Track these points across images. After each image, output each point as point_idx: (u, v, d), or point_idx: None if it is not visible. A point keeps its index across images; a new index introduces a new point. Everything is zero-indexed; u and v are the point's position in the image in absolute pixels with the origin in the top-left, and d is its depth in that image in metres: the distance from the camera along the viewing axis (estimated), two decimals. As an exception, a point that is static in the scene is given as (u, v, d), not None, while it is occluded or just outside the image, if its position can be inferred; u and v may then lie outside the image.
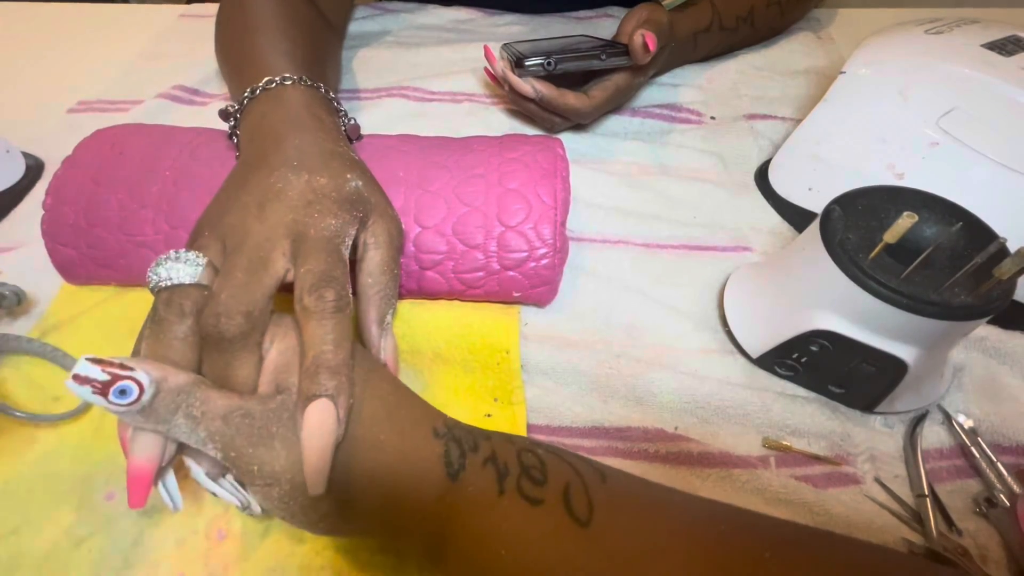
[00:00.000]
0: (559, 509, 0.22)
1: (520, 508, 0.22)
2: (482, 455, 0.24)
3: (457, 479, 0.23)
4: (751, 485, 0.31)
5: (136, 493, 0.22)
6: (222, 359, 0.24)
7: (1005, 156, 0.36)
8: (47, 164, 0.49)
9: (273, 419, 0.23)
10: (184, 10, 0.69)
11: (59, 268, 0.36)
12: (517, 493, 0.23)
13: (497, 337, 0.36)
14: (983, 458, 0.31)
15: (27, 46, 0.64)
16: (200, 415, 0.22)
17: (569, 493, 0.23)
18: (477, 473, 0.23)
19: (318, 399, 0.22)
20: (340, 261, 0.27)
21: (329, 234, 0.27)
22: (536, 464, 0.24)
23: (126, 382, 0.21)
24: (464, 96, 0.56)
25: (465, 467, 0.24)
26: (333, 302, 0.25)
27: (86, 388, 0.20)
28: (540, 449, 0.25)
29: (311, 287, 0.25)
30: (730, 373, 0.36)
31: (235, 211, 0.28)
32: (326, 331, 0.24)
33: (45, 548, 0.28)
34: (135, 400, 0.21)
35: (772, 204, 0.47)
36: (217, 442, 0.22)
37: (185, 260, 0.26)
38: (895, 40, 0.43)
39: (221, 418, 0.22)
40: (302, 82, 0.35)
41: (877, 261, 0.29)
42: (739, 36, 0.60)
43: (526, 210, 0.35)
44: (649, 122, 0.54)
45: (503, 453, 0.24)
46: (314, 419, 0.22)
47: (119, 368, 0.21)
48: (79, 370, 0.20)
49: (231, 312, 0.24)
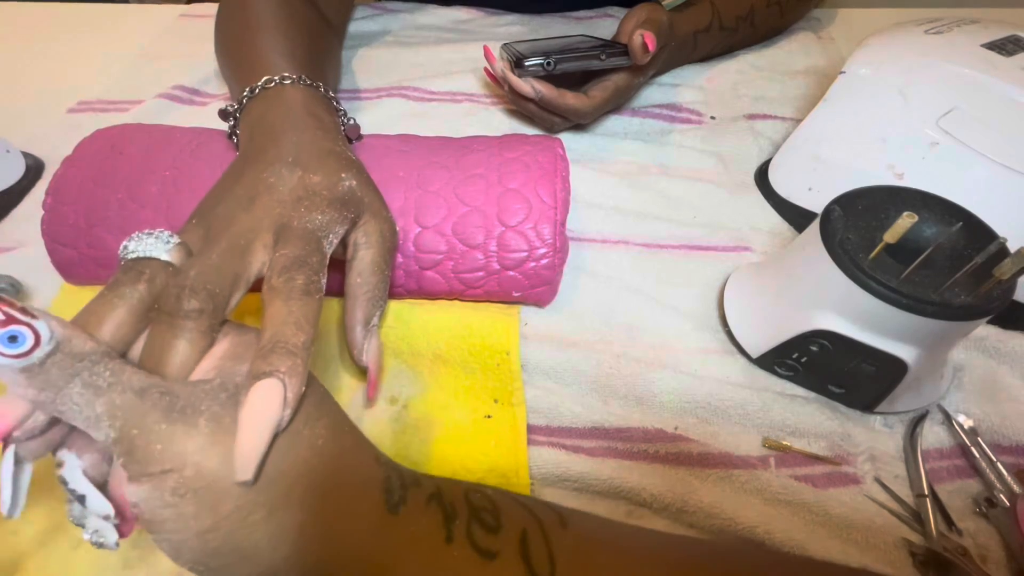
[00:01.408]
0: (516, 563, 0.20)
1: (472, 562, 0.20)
2: (426, 491, 0.22)
3: (397, 512, 0.21)
4: (751, 485, 0.31)
5: None
6: (166, 336, 0.22)
7: (1005, 156, 0.36)
8: (47, 164, 0.49)
9: (204, 397, 0.20)
10: (184, 10, 0.69)
11: (59, 268, 0.36)
12: (467, 542, 0.20)
13: (497, 338, 0.36)
14: (983, 458, 0.31)
15: (27, 46, 0.64)
16: (106, 385, 0.19)
17: (527, 542, 0.20)
18: (420, 510, 0.21)
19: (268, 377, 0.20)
20: (318, 250, 0.26)
21: (312, 227, 0.27)
22: (487, 506, 0.21)
23: (20, 327, 0.18)
24: (464, 96, 0.56)
25: (407, 500, 0.21)
26: (302, 284, 0.24)
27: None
28: (489, 490, 0.23)
29: (282, 269, 0.24)
30: (730, 373, 0.36)
31: (226, 202, 0.28)
32: (289, 311, 0.22)
33: (45, 549, 0.28)
34: (26, 352, 0.18)
35: (772, 204, 0.47)
36: (118, 418, 0.19)
37: (156, 236, 0.25)
38: (895, 40, 0.43)
39: (135, 392, 0.19)
40: (302, 82, 0.35)
41: (877, 261, 0.29)
42: (739, 36, 0.60)
43: (526, 210, 0.35)
44: (649, 122, 0.54)
45: (449, 492, 0.22)
46: (258, 397, 0.19)
47: (19, 312, 0.18)
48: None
49: (196, 287, 0.23)
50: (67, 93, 0.55)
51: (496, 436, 0.32)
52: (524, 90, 0.46)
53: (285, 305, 0.23)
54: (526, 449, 0.31)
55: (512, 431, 0.32)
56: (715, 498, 0.30)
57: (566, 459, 0.31)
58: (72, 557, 0.28)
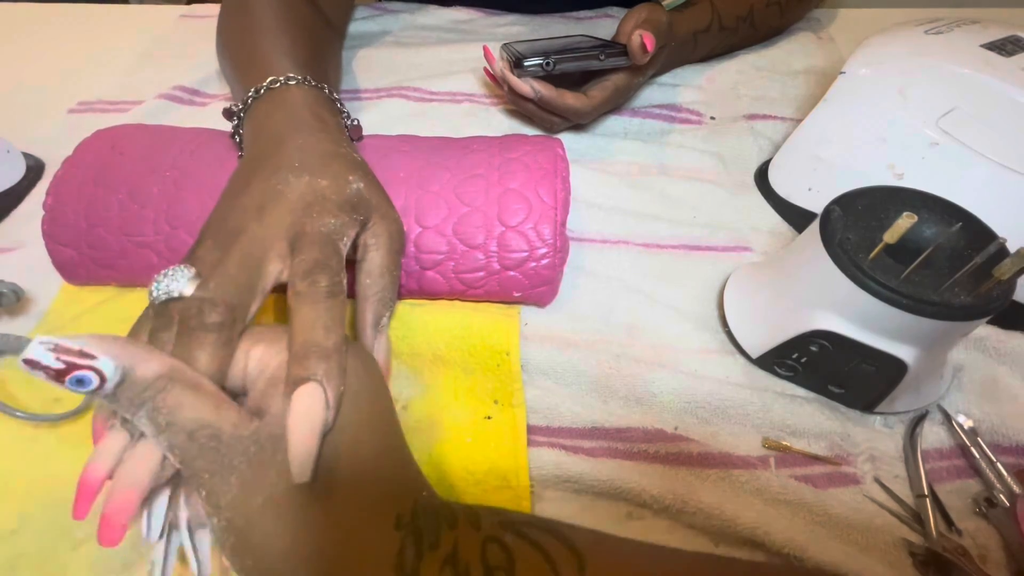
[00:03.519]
0: None
1: None
2: (441, 555, 0.21)
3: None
4: (751, 485, 0.31)
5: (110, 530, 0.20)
6: (190, 348, 0.23)
7: (1005, 156, 0.36)
8: (47, 164, 0.49)
9: (239, 451, 0.21)
10: (184, 10, 0.69)
11: (59, 268, 0.36)
12: None
13: (497, 339, 0.36)
14: (983, 458, 0.31)
15: (27, 46, 0.64)
16: (164, 424, 0.21)
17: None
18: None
19: (306, 382, 0.21)
20: (336, 253, 0.27)
21: (327, 230, 0.27)
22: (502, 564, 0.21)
23: (84, 372, 0.19)
24: (464, 96, 0.56)
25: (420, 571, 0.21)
26: (326, 287, 0.24)
27: (39, 373, 0.19)
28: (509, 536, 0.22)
29: (304, 273, 0.25)
30: (730, 373, 0.36)
31: (235, 216, 0.28)
32: (318, 315, 0.23)
33: (45, 549, 0.28)
34: (95, 389, 0.19)
35: (772, 204, 0.47)
36: (176, 456, 0.21)
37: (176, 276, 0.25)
38: (895, 40, 0.43)
39: (187, 434, 0.21)
40: (306, 82, 0.35)
41: (877, 261, 0.29)
42: (739, 36, 0.60)
43: (526, 210, 0.35)
44: (649, 122, 0.54)
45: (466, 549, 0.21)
46: (301, 403, 0.21)
47: (77, 356, 0.19)
48: (29, 354, 0.19)
49: (216, 301, 0.24)
50: (67, 93, 0.56)
51: (496, 437, 0.32)
52: (523, 90, 0.46)
53: (312, 309, 0.24)
54: (526, 451, 0.31)
55: (512, 432, 0.32)
56: (715, 498, 0.30)
57: (566, 460, 0.31)
58: (72, 557, 0.28)
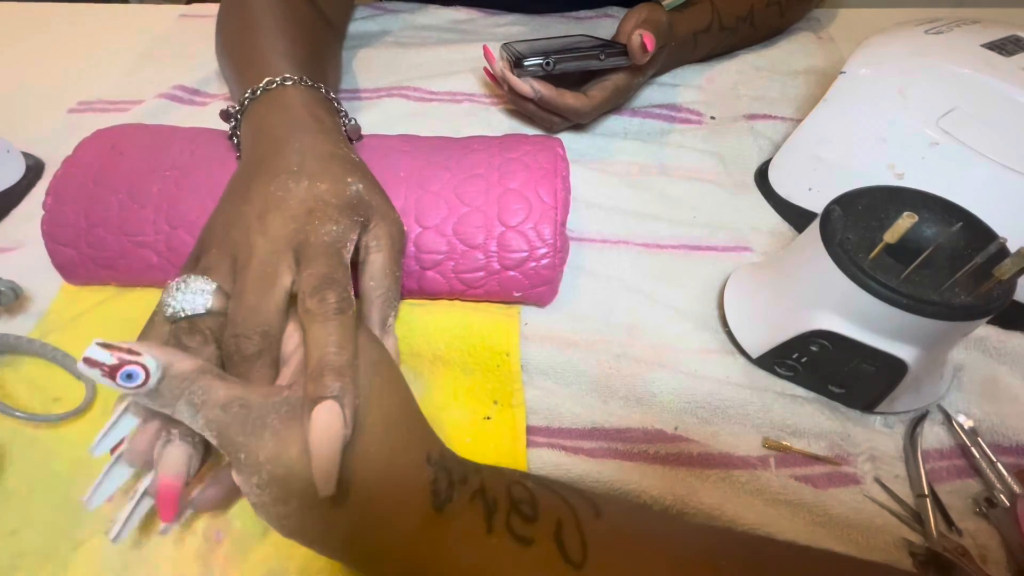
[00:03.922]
0: (551, 549, 0.21)
1: (509, 548, 0.22)
2: (471, 488, 0.24)
3: (443, 510, 0.23)
4: (751, 486, 0.31)
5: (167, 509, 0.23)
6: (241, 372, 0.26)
7: (1005, 156, 0.36)
8: (47, 164, 0.49)
9: (271, 411, 0.23)
10: (184, 10, 0.69)
11: (59, 268, 0.36)
12: (506, 531, 0.22)
13: (497, 339, 0.36)
14: (983, 458, 0.31)
15: (27, 46, 0.64)
16: (200, 403, 0.23)
17: (562, 531, 0.22)
18: (464, 507, 0.23)
19: (324, 401, 0.22)
20: (341, 264, 0.27)
21: (330, 239, 0.28)
22: (526, 498, 0.23)
23: (133, 367, 0.22)
24: (464, 96, 0.56)
25: (452, 499, 0.23)
26: (335, 304, 0.25)
27: (96, 371, 0.21)
28: (530, 482, 0.24)
29: (312, 290, 0.25)
30: (730, 373, 0.36)
31: (239, 224, 0.28)
32: (329, 333, 0.24)
33: (45, 549, 0.28)
34: (141, 384, 0.22)
35: (772, 204, 0.47)
36: (213, 429, 0.23)
37: (195, 290, 0.27)
38: (895, 40, 0.43)
39: (220, 407, 0.23)
40: (302, 82, 0.35)
41: (877, 261, 0.29)
42: (739, 36, 0.60)
43: (526, 210, 0.35)
44: (649, 122, 0.54)
45: (492, 487, 0.24)
46: (321, 421, 0.22)
47: (127, 353, 0.22)
48: (89, 353, 0.21)
49: (249, 333, 0.25)
50: (67, 93, 0.55)
51: (496, 438, 0.32)
52: (523, 90, 0.46)
53: (323, 327, 0.24)
54: (525, 451, 0.31)
55: (512, 433, 0.32)
56: (715, 498, 0.30)
57: (566, 460, 0.31)
58: (72, 557, 0.28)
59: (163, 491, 0.23)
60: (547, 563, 0.21)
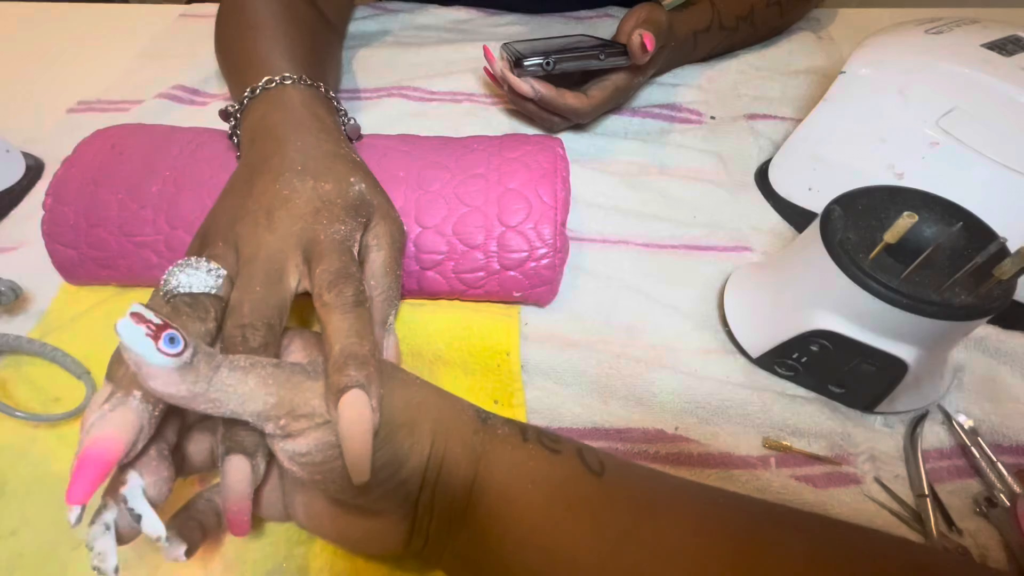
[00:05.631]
0: (575, 460, 0.25)
1: (543, 453, 0.25)
2: (502, 417, 0.27)
3: (487, 423, 0.26)
4: (751, 485, 0.31)
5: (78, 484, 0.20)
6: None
7: (1005, 156, 0.36)
8: (47, 164, 0.49)
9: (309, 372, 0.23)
10: (184, 10, 0.69)
11: (59, 268, 0.36)
12: (538, 442, 0.25)
13: (497, 339, 0.36)
14: (983, 458, 0.31)
15: (27, 46, 0.64)
16: (248, 364, 0.22)
17: (582, 452, 0.25)
18: (502, 423, 0.26)
19: (350, 390, 0.22)
20: (354, 260, 0.28)
21: (340, 237, 0.28)
22: (549, 433, 0.26)
23: (174, 332, 0.20)
24: (464, 96, 0.56)
25: (491, 418, 0.26)
26: (353, 296, 0.25)
27: (140, 328, 0.19)
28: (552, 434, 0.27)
29: (329, 284, 0.26)
30: (730, 373, 0.36)
31: (244, 220, 0.28)
32: (349, 324, 0.24)
33: (45, 549, 0.28)
34: (181, 351, 0.20)
35: (772, 204, 0.47)
36: (271, 385, 0.22)
37: (206, 270, 0.26)
38: (895, 40, 0.43)
39: (273, 365, 0.23)
40: (302, 82, 0.35)
41: (877, 261, 0.29)
42: (739, 36, 0.60)
43: (526, 210, 0.35)
44: (649, 122, 0.54)
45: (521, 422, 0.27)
46: (351, 410, 0.22)
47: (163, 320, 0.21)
48: (136, 309, 0.20)
49: (255, 324, 0.25)
50: (67, 93, 0.55)
51: (496, 436, 0.32)
52: (523, 90, 0.46)
53: (343, 319, 0.25)
54: (526, 449, 0.31)
55: (512, 431, 0.32)
56: (715, 498, 0.30)
57: (566, 459, 0.31)
58: (72, 557, 0.28)
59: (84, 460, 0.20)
60: (573, 467, 0.24)
